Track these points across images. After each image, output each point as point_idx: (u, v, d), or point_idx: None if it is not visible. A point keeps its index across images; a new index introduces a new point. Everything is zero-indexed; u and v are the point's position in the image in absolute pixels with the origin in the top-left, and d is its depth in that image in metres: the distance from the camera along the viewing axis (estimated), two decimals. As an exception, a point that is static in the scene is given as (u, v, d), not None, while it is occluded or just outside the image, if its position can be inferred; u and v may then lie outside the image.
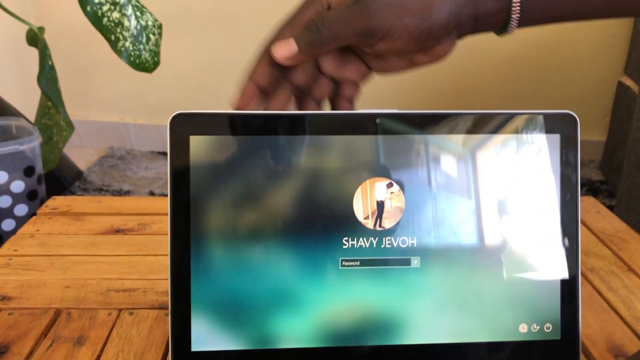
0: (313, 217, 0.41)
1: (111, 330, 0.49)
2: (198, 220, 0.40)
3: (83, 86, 2.14)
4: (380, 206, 0.41)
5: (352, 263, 0.41)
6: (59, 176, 1.73)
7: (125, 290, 0.54)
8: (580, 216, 0.43)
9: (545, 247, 0.43)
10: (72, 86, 1.82)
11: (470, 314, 0.42)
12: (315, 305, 0.41)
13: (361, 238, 0.41)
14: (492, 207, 0.42)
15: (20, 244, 0.62)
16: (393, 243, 0.42)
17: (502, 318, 0.42)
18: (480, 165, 0.42)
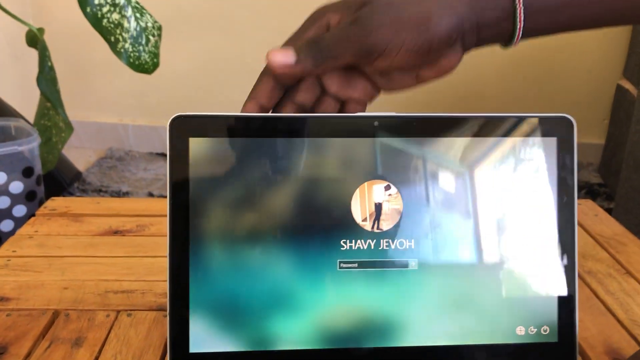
0: (311, 219, 0.41)
1: (109, 331, 0.49)
2: (197, 222, 0.40)
3: (82, 87, 2.14)
4: (378, 208, 0.42)
5: (350, 265, 0.41)
6: (58, 177, 1.73)
7: (123, 291, 0.54)
8: (577, 219, 0.43)
9: (542, 250, 0.43)
10: (72, 87, 1.82)
11: (467, 316, 0.42)
12: (313, 307, 0.41)
13: (359, 240, 0.41)
14: (490, 210, 0.42)
15: (18, 245, 0.62)
16: (391, 245, 0.42)
17: (500, 320, 0.43)
18: (477, 168, 0.42)
